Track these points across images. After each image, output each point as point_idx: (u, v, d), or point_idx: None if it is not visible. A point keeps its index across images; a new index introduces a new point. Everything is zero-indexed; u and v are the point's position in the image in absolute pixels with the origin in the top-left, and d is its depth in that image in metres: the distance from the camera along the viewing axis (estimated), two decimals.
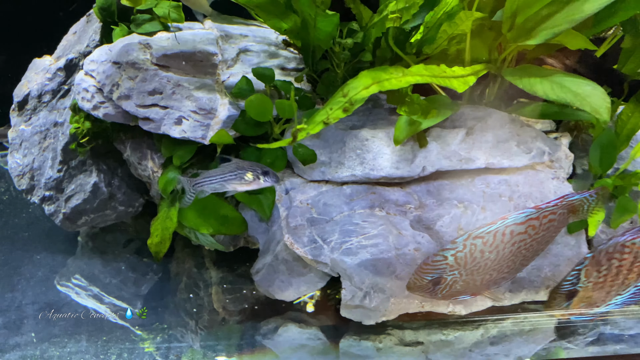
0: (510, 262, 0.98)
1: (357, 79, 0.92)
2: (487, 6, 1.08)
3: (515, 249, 0.96)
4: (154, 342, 1.28)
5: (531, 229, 0.94)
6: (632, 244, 0.96)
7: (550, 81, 0.99)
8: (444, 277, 0.97)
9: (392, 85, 0.94)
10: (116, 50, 1.23)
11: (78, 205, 1.40)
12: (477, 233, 0.94)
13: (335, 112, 0.91)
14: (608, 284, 0.99)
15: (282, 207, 1.25)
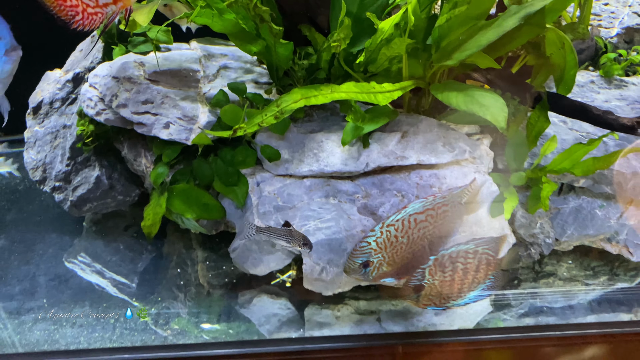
0: (421, 247, 1.21)
1: (290, 94, 1.17)
2: (419, 33, 1.32)
3: (422, 234, 1.18)
4: (147, 310, 1.52)
5: (430, 217, 1.17)
6: (475, 250, 1.18)
7: (464, 94, 1.23)
8: (371, 260, 1.18)
9: (318, 100, 1.18)
10: (115, 67, 1.48)
11: (83, 194, 1.64)
12: (388, 221, 1.16)
13: (268, 118, 1.15)
14: (457, 282, 1.19)
15: (254, 197, 1.49)
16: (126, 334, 1.41)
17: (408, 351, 1.39)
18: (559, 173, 1.40)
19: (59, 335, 1.44)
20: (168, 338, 1.40)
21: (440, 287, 1.21)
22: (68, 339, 1.43)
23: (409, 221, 1.17)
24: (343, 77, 1.41)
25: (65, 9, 1.30)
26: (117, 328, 1.46)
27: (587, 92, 1.56)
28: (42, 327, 1.47)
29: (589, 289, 1.55)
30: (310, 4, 1.34)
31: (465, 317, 1.48)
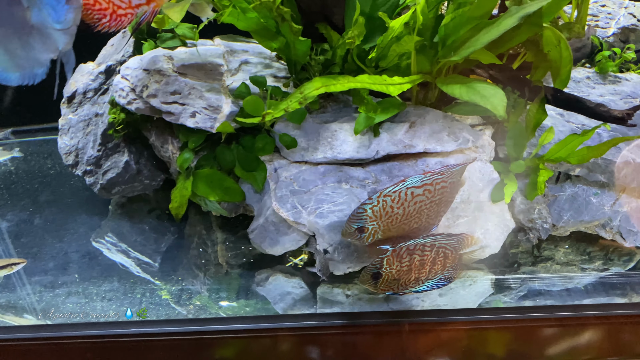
0: (417, 219, 1.32)
1: (311, 82, 1.29)
2: (427, 31, 1.43)
3: (418, 207, 1.29)
4: (170, 287, 1.65)
5: (427, 192, 1.28)
6: (432, 244, 1.28)
7: (466, 86, 1.34)
8: (366, 226, 1.29)
9: (336, 88, 1.30)
10: (146, 60, 1.61)
11: (112, 178, 1.78)
12: (385, 192, 1.26)
13: (293, 103, 1.28)
14: (415, 272, 1.30)
15: (272, 182, 1.61)
16: (151, 309, 1.53)
17: (414, 329, 1.49)
18: (556, 162, 1.51)
19: (89, 308, 1.57)
20: (189, 313, 1.52)
21: (397, 276, 1.31)
22: (98, 311, 1.57)
23: (406, 194, 1.26)
24: (355, 71, 1.52)
25: (92, 13, 1.33)
26: (143, 303, 1.59)
27: (583, 87, 1.67)
28: (74, 300, 1.60)
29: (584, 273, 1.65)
30: (327, 3, 1.46)
31: (467, 298, 1.59)
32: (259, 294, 1.62)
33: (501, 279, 1.63)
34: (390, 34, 1.37)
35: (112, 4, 1.30)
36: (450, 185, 1.31)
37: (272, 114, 1.27)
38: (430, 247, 1.29)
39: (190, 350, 1.53)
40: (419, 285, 1.36)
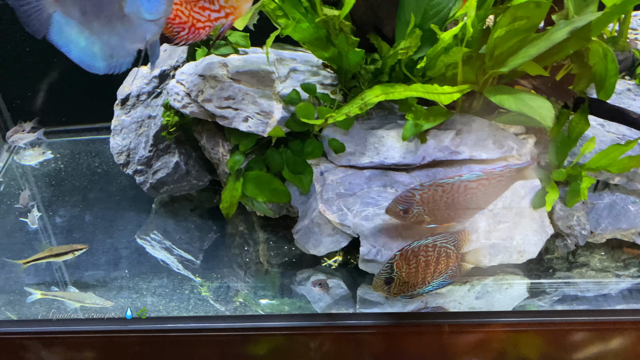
0: (461, 206, 1.38)
1: (372, 90, 1.36)
2: (474, 42, 1.48)
3: (468, 198, 1.36)
4: (212, 285, 1.71)
5: (482, 186, 1.34)
6: (434, 245, 1.34)
7: (514, 97, 1.39)
8: (412, 209, 1.36)
9: (394, 96, 1.36)
10: (201, 66, 1.68)
11: (162, 178, 1.85)
12: (439, 182, 1.33)
13: (354, 108, 1.34)
14: (421, 273, 1.36)
15: (318, 184, 1.67)
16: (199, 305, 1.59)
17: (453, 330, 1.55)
18: (596, 170, 1.55)
19: (140, 303, 1.64)
20: (229, 310, 1.58)
21: (407, 279, 1.37)
22: (148, 306, 1.63)
23: (459, 186, 1.33)
24: (402, 80, 1.58)
25: (173, 27, 1.37)
26: (191, 299, 1.66)
27: (623, 99, 1.71)
28: (125, 294, 1.68)
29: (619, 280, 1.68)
30: (378, 15, 1.52)
31: (502, 302, 1.64)
32: (299, 293, 1.68)
33: (537, 284, 1.67)
34: (439, 45, 1.43)
35: (192, 18, 1.35)
36: (506, 180, 1.37)
37: (334, 117, 1.34)
38: (433, 248, 1.35)
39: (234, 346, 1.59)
40: (425, 285, 1.42)
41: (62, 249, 1.74)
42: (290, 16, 1.57)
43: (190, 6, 1.35)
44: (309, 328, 1.59)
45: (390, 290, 1.39)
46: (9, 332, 1.55)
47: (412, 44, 1.35)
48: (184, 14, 1.36)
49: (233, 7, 1.35)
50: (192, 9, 1.35)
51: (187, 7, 1.35)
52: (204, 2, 1.34)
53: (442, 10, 1.44)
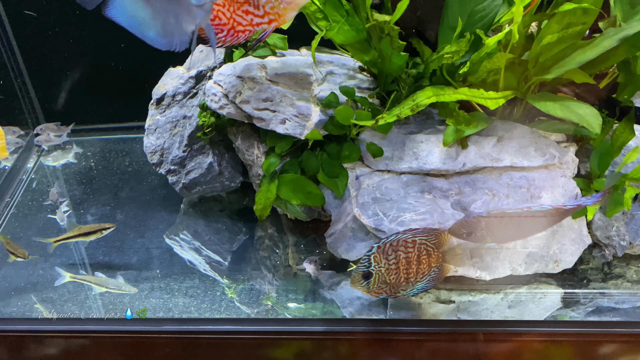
0: (522, 232, 1.39)
1: (423, 91, 1.35)
2: (517, 49, 1.47)
3: (531, 225, 1.37)
4: (240, 287, 1.70)
5: (546, 217, 1.35)
6: (413, 240, 1.32)
7: (560, 104, 1.37)
8: (475, 232, 1.36)
9: (445, 98, 1.35)
10: (239, 68, 1.68)
11: (195, 178, 1.85)
12: (507, 211, 1.34)
13: (406, 110, 1.33)
14: (403, 272, 1.33)
15: (353, 189, 1.66)
16: (227, 306, 1.59)
17: (488, 338, 1.53)
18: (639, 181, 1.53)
19: (172, 304, 1.64)
20: (257, 313, 1.58)
21: (387, 275, 1.34)
22: (180, 307, 1.63)
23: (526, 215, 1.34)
24: (443, 84, 1.57)
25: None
26: (223, 300, 1.65)
27: None
28: (157, 295, 1.67)
29: None
30: (421, 19, 1.51)
31: (535, 311, 1.62)
32: (328, 297, 1.67)
33: (571, 294, 1.65)
34: (483, 50, 1.42)
35: (232, 21, 1.34)
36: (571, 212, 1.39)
37: (385, 119, 1.34)
38: (412, 243, 1.35)
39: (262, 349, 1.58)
40: (410, 287, 1.41)
41: (90, 227, 1.75)
42: (331, 19, 1.56)
43: (234, 9, 1.33)
44: (337, 333, 1.58)
45: (370, 286, 1.37)
46: (37, 330, 1.56)
47: (461, 48, 1.34)
48: (225, 15, 1.35)
49: (278, 14, 1.33)
50: (234, 11, 1.34)
51: (229, 10, 1.34)
52: (249, 6, 1.32)
53: (487, 16, 1.43)
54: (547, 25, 1.41)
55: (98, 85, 2.23)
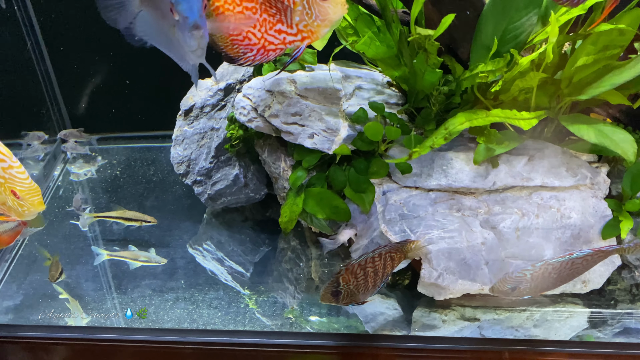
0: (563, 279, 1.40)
1: (455, 118, 1.34)
2: (550, 68, 1.46)
3: (570, 272, 1.38)
4: (262, 298, 1.70)
5: (585, 261, 1.36)
6: (380, 254, 1.37)
7: (594, 128, 1.36)
8: (520, 287, 1.37)
9: (478, 122, 1.35)
10: (269, 82, 1.69)
11: (221, 189, 1.86)
12: (550, 262, 1.34)
13: (439, 139, 1.33)
14: (371, 283, 1.39)
15: (379, 204, 1.66)
16: (248, 319, 1.59)
17: (513, 357, 1.51)
18: None
19: (196, 315, 1.64)
20: (278, 326, 1.57)
21: (356, 289, 1.39)
22: (204, 318, 1.64)
23: (567, 263, 1.36)
24: (473, 102, 1.57)
25: (239, 47, 1.33)
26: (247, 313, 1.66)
27: None
28: (181, 305, 1.68)
29: None
30: (454, 37, 1.51)
31: (561, 331, 1.60)
32: (350, 312, 1.66)
33: (597, 314, 1.63)
34: (516, 70, 1.41)
35: (264, 40, 1.31)
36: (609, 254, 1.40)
37: (419, 152, 1.35)
38: (379, 257, 1.38)
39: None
40: (375, 290, 1.44)
41: (133, 214, 1.79)
42: (362, 34, 1.57)
43: (265, 29, 1.31)
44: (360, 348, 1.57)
45: (339, 300, 1.41)
46: (58, 338, 1.57)
47: (497, 68, 1.34)
48: (256, 36, 1.33)
49: (311, 31, 1.31)
50: (266, 31, 1.32)
51: (260, 30, 1.32)
52: (282, 25, 1.31)
53: (521, 35, 1.43)
54: (581, 46, 1.40)
55: (125, 93, 2.26)
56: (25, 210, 1.32)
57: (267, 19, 1.30)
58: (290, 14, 1.29)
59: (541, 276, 1.34)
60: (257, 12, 1.28)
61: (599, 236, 1.56)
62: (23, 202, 1.31)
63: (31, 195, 1.31)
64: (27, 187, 1.31)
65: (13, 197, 1.31)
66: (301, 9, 1.27)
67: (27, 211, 1.33)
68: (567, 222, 1.53)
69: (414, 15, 1.39)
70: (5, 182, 1.30)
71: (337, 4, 1.26)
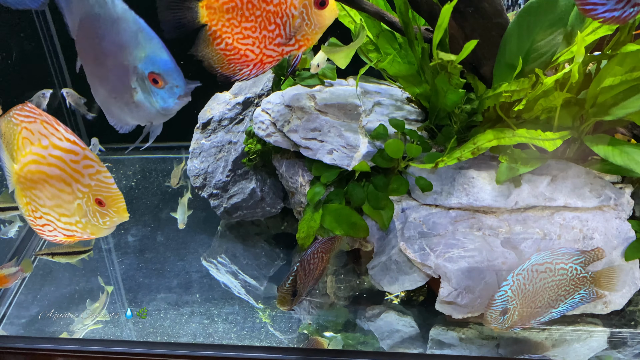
0: (541, 297, 1.36)
1: (484, 135, 1.33)
2: (574, 87, 1.45)
3: (542, 285, 1.34)
4: (277, 313, 1.68)
5: (549, 270, 1.33)
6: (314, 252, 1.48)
7: (620, 150, 1.34)
8: (508, 307, 1.34)
9: (505, 141, 1.33)
10: (288, 97, 1.69)
11: (237, 203, 1.86)
12: (517, 271, 1.32)
13: (466, 153, 1.32)
14: (316, 276, 1.51)
15: (398, 222, 1.64)
16: (268, 334, 1.58)
17: None
18: None
19: (212, 330, 1.63)
20: (295, 341, 1.56)
21: (304, 288, 1.48)
22: (220, 333, 1.62)
23: (532, 270, 1.33)
24: (494, 121, 1.55)
25: (236, 65, 1.30)
26: (263, 328, 1.64)
27: None
28: (197, 319, 1.67)
29: None
30: (478, 55, 1.50)
31: (580, 351, 1.57)
32: (366, 329, 1.65)
33: (617, 335, 1.60)
34: (540, 89, 1.40)
35: (262, 55, 1.30)
36: (570, 270, 1.37)
37: (445, 162, 1.33)
38: (316, 253, 1.49)
39: None
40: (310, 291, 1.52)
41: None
42: (383, 51, 1.57)
43: (264, 45, 1.30)
44: None
45: (293, 302, 1.45)
46: (71, 350, 1.57)
47: (521, 88, 1.32)
48: (254, 52, 1.30)
49: (307, 39, 1.31)
50: (265, 47, 1.30)
51: (259, 46, 1.30)
52: (281, 39, 1.29)
53: (545, 54, 1.41)
54: (607, 66, 1.39)
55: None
56: (107, 220, 1.16)
57: (267, 35, 1.29)
58: (289, 27, 1.28)
59: (521, 290, 1.30)
60: (256, 31, 1.27)
61: (621, 258, 1.54)
62: (107, 211, 1.15)
63: (116, 201, 1.16)
64: (113, 194, 1.15)
65: (96, 207, 1.15)
66: (300, 20, 1.27)
67: (109, 221, 1.17)
68: (589, 243, 1.51)
69: (436, 40, 1.39)
70: (91, 191, 1.14)
71: (332, 10, 1.27)
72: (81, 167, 1.13)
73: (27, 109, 1.15)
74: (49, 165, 1.14)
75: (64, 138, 1.12)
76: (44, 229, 1.21)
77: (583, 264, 1.38)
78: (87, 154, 1.13)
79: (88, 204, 1.15)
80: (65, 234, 1.21)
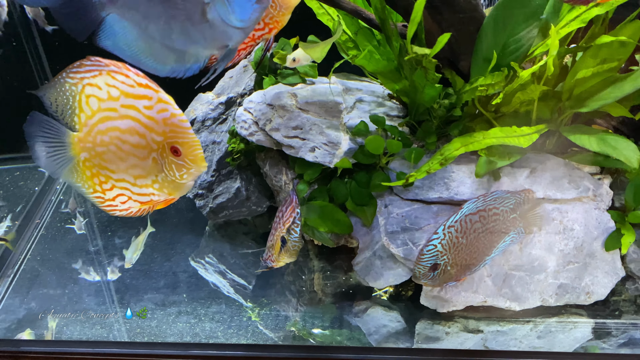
0: (475, 248, 1.30)
1: (451, 144, 1.35)
2: (551, 80, 1.46)
3: (477, 235, 1.28)
4: (264, 311, 1.69)
5: (482, 218, 1.27)
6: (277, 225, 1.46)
7: (596, 138, 1.36)
8: (438, 262, 1.27)
9: (474, 147, 1.35)
10: (270, 96, 1.70)
11: (222, 203, 1.86)
12: (448, 223, 1.26)
13: (435, 165, 1.34)
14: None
15: (381, 217, 1.65)
16: (255, 332, 1.59)
17: None
18: None
19: (199, 329, 1.64)
20: (283, 339, 1.56)
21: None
22: (207, 332, 1.63)
23: (465, 222, 1.27)
24: (474, 115, 1.57)
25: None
26: (249, 326, 1.65)
27: None
28: (184, 319, 1.68)
29: None
30: (454, 50, 1.51)
31: (565, 342, 1.59)
32: (354, 325, 1.66)
33: (601, 325, 1.62)
34: (517, 82, 1.41)
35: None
36: (503, 213, 1.30)
37: (415, 177, 1.37)
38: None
39: None
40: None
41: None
42: (362, 48, 1.58)
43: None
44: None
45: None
46: (64, 352, 1.57)
47: (496, 82, 1.34)
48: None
49: (276, 21, 1.31)
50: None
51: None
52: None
53: (521, 47, 1.42)
54: (582, 58, 1.40)
55: None
56: (184, 173, 1.01)
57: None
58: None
59: (452, 243, 1.24)
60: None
61: (602, 248, 1.56)
62: (183, 161, 1.00)
63: (193, 148, 1.00)
64: (190, 140, 0.99)
65: (172, 158, 0.99)
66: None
67: (187, 174, 1.02)
68: (569, 234, 1.52)
69: (410, 34, 1.40)
70: (166, 139, 0.98)
71: None
72: (155, 112, 0.97)
73: (90, 63, 0.98)
74: (121, 119, 0.98)
75: (135, 84, 0.97)
76: (116, 202, 1.05)
77: (514, 205, 1.32)
78: (160, 96, 0.98)
79: (163, 155, 1.00)
80: (141, 200, 1.07)
